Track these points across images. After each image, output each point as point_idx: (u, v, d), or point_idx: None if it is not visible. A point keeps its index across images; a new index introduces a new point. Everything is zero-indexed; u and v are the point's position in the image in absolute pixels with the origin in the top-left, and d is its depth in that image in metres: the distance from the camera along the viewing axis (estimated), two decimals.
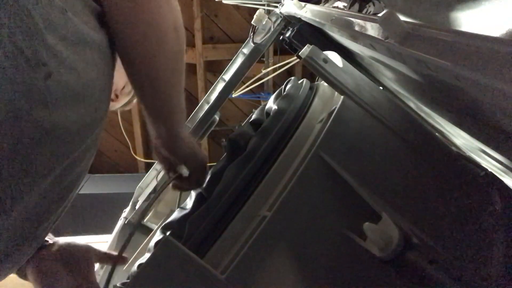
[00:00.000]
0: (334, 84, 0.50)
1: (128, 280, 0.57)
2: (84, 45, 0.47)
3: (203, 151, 0.71)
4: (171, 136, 0.64)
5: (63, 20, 0.44)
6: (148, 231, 1.30)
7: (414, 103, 0.68)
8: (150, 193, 1.49)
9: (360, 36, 0.44)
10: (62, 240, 0.65)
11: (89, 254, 0.65)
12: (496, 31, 0.30)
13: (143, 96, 0.61)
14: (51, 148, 0.44)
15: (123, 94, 0.94)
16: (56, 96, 0.43)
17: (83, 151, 0.51)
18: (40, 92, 0.41)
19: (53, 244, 0.64)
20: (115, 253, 0.65)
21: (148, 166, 3.01)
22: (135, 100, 1.00)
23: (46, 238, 0.63)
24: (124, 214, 1.53)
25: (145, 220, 1.47)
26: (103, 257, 0.66)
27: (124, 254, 0.62)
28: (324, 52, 0.49)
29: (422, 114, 0.72)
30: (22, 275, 0.63)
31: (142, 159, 3.28)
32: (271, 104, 0.68)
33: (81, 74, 0.46)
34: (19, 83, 0.39)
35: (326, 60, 0.48)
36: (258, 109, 0.75)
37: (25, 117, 0.40)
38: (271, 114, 0.55)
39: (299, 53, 0.51)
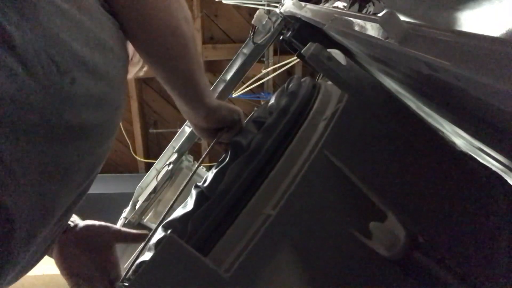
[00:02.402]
0: (339, 82, 0.49)
1: (131, 279, 0.58)
2: (102, 48, 0.50)
3: (232, 106, 0.77)
4: (205, 110, 0.70)
5: (84, 26, 0.47)
6: (148, 231, 1.30)
7: (414, 103, 0.68)
8: (150, 193, 1.49)
9: (360, 37, 0.44)
10: (82, 223, 0.68)
11: (107, 236, 0.68)
12: (496, 31, 0.30)
13: (172, 86, 0.65)
14: (78, 149, 0.47)
15: (132, 65, 0.96)
16: (80, 99, 0.46)
17: (104, 152, 0.54)
18: (68, 97, 0.44)
19: (74, 227, 0.67)
20: (133, 231, 0.70)
21: (148, 166, 3.01)
22: (145, 68, 1.03)
23: (70, 221, 0.67)
24: (124, 214, 1.53)
25: (145, 220, 1.47)
26: (122, 237, 0.69)
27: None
28: (328, 50, 0.49)
29: (422, 114, 0.72)
30: (51, 255, 0.66)
31: (142, 159, 3.28)
32: (274, 102, 0.68)
33: (101, 75, 0.49)
34: (50, 89, 0.42)
35: (331, 57, 0.48)
36: (260, 107, 0.75)
37: (56, 120, 0.43)
38: (275, 111, 0.55)
39: (302, 51, 0.51)
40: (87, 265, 0.65)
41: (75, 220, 0.69)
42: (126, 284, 0.55)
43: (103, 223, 0.70)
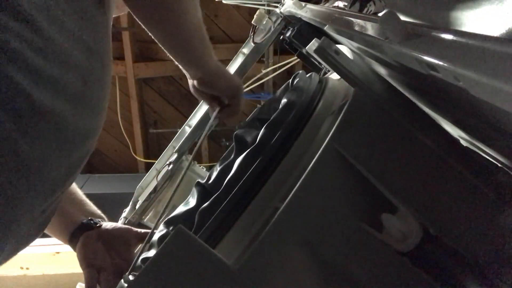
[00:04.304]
0: (347, 75, 0.49)
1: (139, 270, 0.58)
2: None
3: (234, 80, 0.79)
4: (200, 71, 0.71)
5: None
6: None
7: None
8: (150, 193, 1.49)
9: (360, 36, 0.44)
10: (107, 223, 0.75)
11: (128, 235, 0.74)
12: (496, 31, 0.30)
13: (173, 48, 0.67)
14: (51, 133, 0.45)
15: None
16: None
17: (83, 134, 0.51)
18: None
19: (100, 226, 0.74)
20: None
21: (148, 166, 3.01)
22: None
23: (96, 221, 0.74)
24: (124, 214, 1.53)
25: (145, 220, 1.47)
26: (142, 238, 0.74)
27: None
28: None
29: None
30: (74, 249, 0.73)
31: (142, 159, 3.28)
32: (278, 98, 0.68)
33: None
34: None
35: (338, 51, 0.48)
36: (262, 106, 0.75)
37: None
38: (281, 106, 0.54)
39: (308, 47, 0.50)
40: (105, 260, 0.70)
41: (101, 220, 0.75)
42: (133, 276, 0.55)
43: (125, 226, 0.77)
